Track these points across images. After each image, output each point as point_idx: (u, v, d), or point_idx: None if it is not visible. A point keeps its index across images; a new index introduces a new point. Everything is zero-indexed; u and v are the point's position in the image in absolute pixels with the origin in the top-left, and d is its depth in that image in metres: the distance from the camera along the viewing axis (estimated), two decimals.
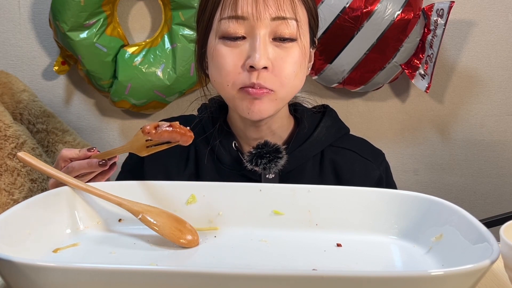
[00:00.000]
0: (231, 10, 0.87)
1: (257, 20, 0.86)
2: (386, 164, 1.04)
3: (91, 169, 0.82)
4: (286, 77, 0.88)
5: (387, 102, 1.77)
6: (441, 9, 1.53)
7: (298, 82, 0.91)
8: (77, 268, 0.54)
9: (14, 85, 1.49)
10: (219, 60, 0.89)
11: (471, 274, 0.53)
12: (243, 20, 0.86)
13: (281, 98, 0.90)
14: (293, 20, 0.88)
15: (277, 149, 0.92)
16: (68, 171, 0.82)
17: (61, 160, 0.84)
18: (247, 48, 0.87)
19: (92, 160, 0.82)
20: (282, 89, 0.89)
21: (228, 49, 0.88)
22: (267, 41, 0.87)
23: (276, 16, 0.86)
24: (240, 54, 0.87)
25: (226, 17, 0.87)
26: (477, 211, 1.68)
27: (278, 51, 0.88)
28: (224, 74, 0.88)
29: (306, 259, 0.69)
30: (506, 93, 1.76)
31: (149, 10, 1.67)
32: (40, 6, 1.64)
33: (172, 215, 0.74)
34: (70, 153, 0.83)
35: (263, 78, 0.86)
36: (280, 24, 0.87)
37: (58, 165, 0.85)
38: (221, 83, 0.90)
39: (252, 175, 0.94)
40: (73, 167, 0.82)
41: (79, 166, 0.82)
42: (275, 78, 0.87)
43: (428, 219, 0.72)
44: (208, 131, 0.98)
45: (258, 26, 0.86)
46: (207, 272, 0.53)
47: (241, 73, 0.87)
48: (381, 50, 1.54)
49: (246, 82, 0.87)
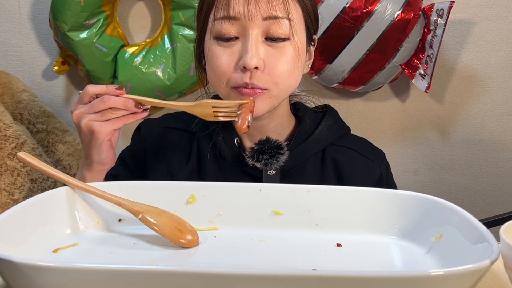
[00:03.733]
0: (223, 10, 0.87)
1: (249, 20, 0.86)
2: (386, 164, 1.04)
3: (125, 108, 0.83)
4: (280, 76, 0.88)
5: (387, 102, 1.77)
6: (441, 9, 1.53)
7: (292, 80, 0.91)
8: (77, 268, 0.54)
9: (14, 85, 1.49)
10: (213, 60, 0.90)
11: (471, 274, 0.53)
12: (235, 20, 0.87)
13: (275, 96, 0.90)
14: (285, 19, 0.88)
15: (278, 145, 0.93)
16: (96, 105, 0.83)
17: (86, 96, 0.84)
18: (240, 48, 0.88)
19: (129, 101, 0.83)
20: (276, 87, 0.89)
21: (222, 49, 0.89)
22: (259, 41, 0.87)
23: (268, 15, 0.87)
24: (233, 54, 0.88)
25: (219, 18, 0.88)
26: (477, 211, 1.68)
27: (271, 50, 0.88)
28: (218, 74, 0.89)
29: (306, 259, 0.69)
30: (506, 93, 1.76)
31: (149, 10, 1.67)
32: (40, 6, 1.64)
33: (172, 215, 0.74)
34: (96, 89, 0.84)
35: (256, 78, 0.87)
36: (272, 23, 0.87)
37: (81, 100, 0.85)
38: (216, 82, 0.91)
39: (254, 172, 0.95)
40: (106, 101, 0.82)
41: (116, 101, 0.83)
42: (268, 77, 0.88)
43: (428, 219, 0.72)
44: (211, 127, 0.99)
45: (250, 26, 0.87)
46: (207, 272, 0.53)
47: (235, 72, 0.88)
48: (381, 50, 1.54)
49: (239, 82, 0.87)
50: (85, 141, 0.87)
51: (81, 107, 0.85)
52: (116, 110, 0.84)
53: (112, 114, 0.84)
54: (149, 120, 1.06)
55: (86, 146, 0.87)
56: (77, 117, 0.85)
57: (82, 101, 0.85)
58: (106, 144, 0.86)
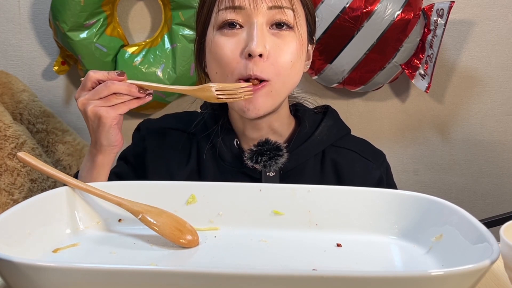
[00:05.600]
0: (228, 1, 0.88)
1: (254, 9, 0.87)
2: (386, 165, 1.04)
3: (129, 93, 0.83)
4: (283, 66, 0.89)
5: (387, 102, 1.77)
6: (441, 9, 1.53)
7: (294, 73, 0.91)
8: (77, 268, 0.54)
9: (14, 85, 1.49)
10: (217, 51, 0.90)
11: (471, 274, 0.53)
12: (240, 10, 0.88)
13: (276, 90, 0.90)
14: (289, 10, 0.89)
15: (277, 147, 0.93)
16: (101, 91, 0.83)
17: (88, 82, 0.84)
18: (245, 37, 0.88)
19: (132, 86, 0.83)
20: (278, 78, 0.89)
21: (226, 38, 0.89)
22: (264, 29, 0.88)
23: (273, 5, 0.88)
24: (238, 43, 0.89)
25: (224, 8, 0.89)
26: (477, 211, 1.68)
27: (275, 40, 0.89)
28: (224, 64, 0.89)
29: (306, 259, 0.69)
30: (506, 93, 1.76)
31: (149, 10, 1.67)
32: (40, 6, 1.64)
33: (172, 215, 0.74)
34: (98, 75, 0.84)
35: (260, 67, 0.87)
36: (277, 12, 0.88)
37: (85, 86, 0.85)
38: (221, 74, 0.90)
39: (253, 173, 0.95)
40: (110, 86, 0.82)
41: (119, 87, 0.83)
42: (272, 67, 0.88)
43: (428, 219, 0.72)
44: (210, 128, 0.99)
45: (255, 15, 0.88)
46: (207, 272, 0.53)
47: (240, 62, 0.88)
48: (381, 50, 1.54)
49: (243, 72, 0.88)
50: (92, 127, 0.87)
51: (85, 94, 0.85)
52: (120, 95, 0.84)
53: (117, 99, 0.84)
54: (148, 120, 1.06)
55: (93, 131, 0.87)
56: (82, 104, 0.85)
57: (85, 88, 0.85)
58: (114, 128, 0.87)
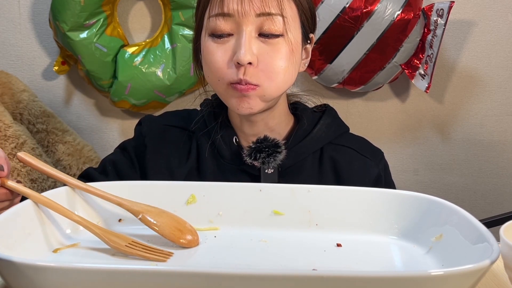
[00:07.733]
0: (218, 7, 0.89)
1: (242, 16, 0.88)
2: (385, 163, 1.04)
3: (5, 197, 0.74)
4: (274, 72, 0.89)
5: (387, 102, 1.77)
6: (441, 9, 1.53)
7: (288, 77, 0.92)
8: (77, 268, 0.54)
9: (14, 85, 1.48)
10: (208, 57, 0.91)
11: (471, 274, 0.53)
12: (229, 17, 0.88)
13: (269, 94, 0.91)
14: (278, 16, 0.89)
15: (276, 144, 0.94)
16: None
17: None
18: (234, 44, 0.89)
19: None
20: (270, 84, 0.90)
21: (216, 45, 0.90)
22: (252, 37, 0.88)
23: (261, 12, 0.88)
24: (227, 51, 0.89)
25: (214, 15, 0.90)
26: (477, 211, 1.68)
27: (264, 47, 0.89)
28: (214, 70, 0.91)
29: (306, 259, 0.69)
30: (506, 93, 1.76)
31: (149, 10, 1.67)
32: (40, 6, 1.64)
33: (172, 215, 0.74)
34: None
35: (250, 74, 0.88)
36: (266, 20, 0.88)
37: None
38: (213, 79, 0.92)
39: (252, 170, 0.95)
40: None
41: None
42: (262, 73, 0.89)
43: (428, 219, 0.72)
44: (209, 125, 0.99)
45: (243, 22, 0.88)
46: (207, 272, 0.53)
47: (229, 68, 0.89)
48: (381, 50, 1.54)
49: (234, 78, 0.89)
50: None
51: None
52: None
53: None
54: (150, 117, 1.07)
55: None
56: None
57: None
58: None
